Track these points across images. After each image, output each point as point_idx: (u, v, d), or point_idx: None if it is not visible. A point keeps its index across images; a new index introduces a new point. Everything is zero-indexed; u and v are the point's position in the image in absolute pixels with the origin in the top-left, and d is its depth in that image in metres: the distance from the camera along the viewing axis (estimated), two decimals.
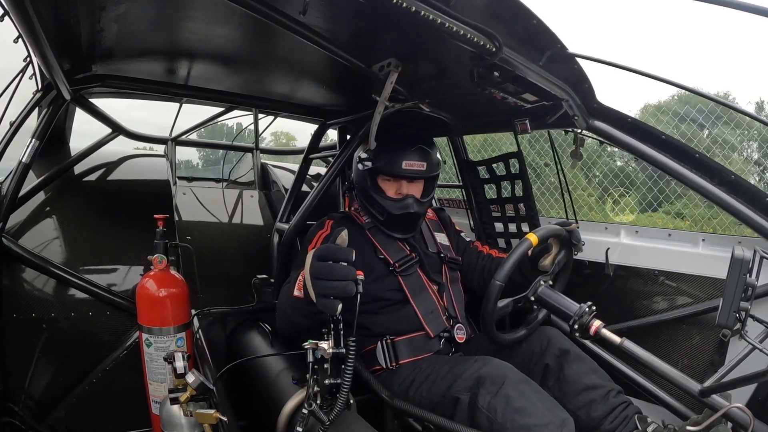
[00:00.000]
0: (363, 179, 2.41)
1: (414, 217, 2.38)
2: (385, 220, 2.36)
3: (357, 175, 2.47)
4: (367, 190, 2.38)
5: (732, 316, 1.30)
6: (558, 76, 1.92)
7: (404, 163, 2.28)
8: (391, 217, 2.34)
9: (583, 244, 2.07)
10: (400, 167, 2.28)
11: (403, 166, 2.28)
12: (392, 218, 2.35)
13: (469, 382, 1.80)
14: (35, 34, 1.56)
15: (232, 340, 2.70)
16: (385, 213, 2.34)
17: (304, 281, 1.57)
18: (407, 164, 2.28)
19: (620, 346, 1.66)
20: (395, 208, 2.33)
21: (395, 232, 2.38)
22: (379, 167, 2.32)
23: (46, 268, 2.43)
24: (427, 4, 1.41)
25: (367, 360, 2.21)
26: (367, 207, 2.42)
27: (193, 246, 2.70)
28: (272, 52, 2.18)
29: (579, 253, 2.08)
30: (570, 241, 2.05)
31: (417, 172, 2.31)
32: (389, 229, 2.38)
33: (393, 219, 2.35)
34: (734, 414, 1.47)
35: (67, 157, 2.88)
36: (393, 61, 1.96)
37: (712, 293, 2.24)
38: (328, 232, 2.32)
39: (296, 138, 13.09)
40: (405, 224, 2.38)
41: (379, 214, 2.37)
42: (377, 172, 2.36)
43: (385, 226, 2.38)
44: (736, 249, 1.32)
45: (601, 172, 7.19)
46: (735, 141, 6.59)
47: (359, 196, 2.47)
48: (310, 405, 1.56)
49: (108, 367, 2.51)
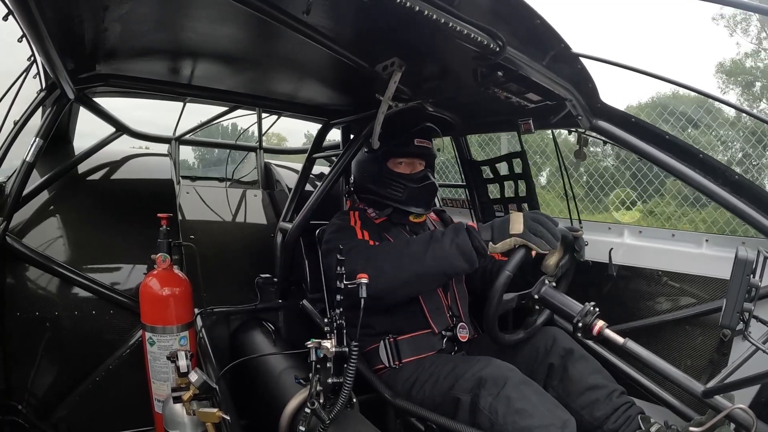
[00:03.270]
0: (373, 166, 2.43)
1: (432, 189, 2.43)
2: (406, 197, 2.36)
3: (363, 165, 2.50)
4: (381, 175, 2.40)
5: (735, 317, 1.29)
6: (562, 75, 1.92)
7: (416, 140, 2.36)
8: (413, 190, 2.36)
9: (586, 245, 2.07)
10: (414, 144, 2.36)
11: (416, 142, 2.36)
12: (413, 192, 2.36)
13: (470, 383, 1.80)
14: (39, 33, 1.57)
15: (235, 339, 2.70)
16: (406, 189, 2.36)
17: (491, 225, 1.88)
18: (419, 141, 2.37)
19: (623, 347, 1.66)
20: (415, 181, 2.37)
21: (415, 206, 2.39)
22: (391, 149, 2.37)
23: (49, 266, 2.44)
24: (431, 4, 1.41)
25: (370, 359, 2.20)
26: (381, 193, 2.40)
27: (197, 245, 2.71)
28: (275, 52, 2.18)
29: (580, 260, 2.08)
30: (573, 246, 2.05)
31: (427, 149, 2.40)
32: (409, 205, 2.38)
33: (414, 192, 2.36)
34: (737, 415, 1.46)
35: (70, 156, 2.88)
36: (396, 60, 1.97)
37: (715, 294, 2.23)
38: (360, 222, 2.38)
39: (287, 139, 13.01)
40: (425, 197, 2.41)
41: (399, 193, 2.37)
42: (388, 157, 2.39)
43: (405, 203, 2.37)
44: (740, 250, 1.32)
45: (587, 171, 7.21)
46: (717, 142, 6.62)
47: (369, 186, 2.46)
48: (312, 404, 1.56)
49: (111, 366, 2.52)
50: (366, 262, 1.96)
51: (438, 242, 1.91)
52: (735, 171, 1.93)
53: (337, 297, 1.62)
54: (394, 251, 2.02)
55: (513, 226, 1.80)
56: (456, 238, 1.88)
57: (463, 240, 1.87)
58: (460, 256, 1.87)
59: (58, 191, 2.72)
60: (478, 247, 1.85)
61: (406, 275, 1.96)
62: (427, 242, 1.94)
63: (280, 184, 3.59)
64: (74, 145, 3.07)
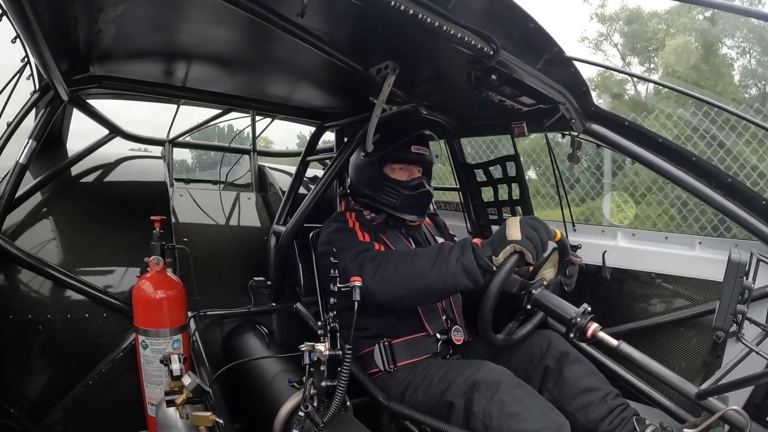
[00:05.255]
0: (369, 170, 2.43)
1: (427, 197, 2.44)
2: (401, 203, 2.37)
3: (360, 169, 2.49)
4: (376, 180, 2.40)
5: (729, 318, 1.30)
6: (555, 79, 1.93)
7: (413, 147, 2.37)
8: (407, 198, 2.36)
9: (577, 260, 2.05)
10: (410, 151, 2.36)
11: (413, 149, 2.36)
12: (408, 199, 2.36)
13: (463, 387, 1.80)
14: (33, 34, 1.56)
15: (229, 343, 2.69)
16: (400, 195, 2.36)
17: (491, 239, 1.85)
18: (415, 148, 2.37)
19: (617, 349, 1.66)
20: (410, 188, 2.37)
21: (410, 213, 2.39)
22: (388, 155, 2.37)
23: (42, 269, 2.42)
24: (425, 8, 1.42)
25: (365, 362, 2.20)
26: (376, 198, 2.41)
27: (190, 248, 2.70)
28: (270, 54, 2.18)
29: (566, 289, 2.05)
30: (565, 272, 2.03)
31: (423, 156, 2.40)
32: (404, 212, 2.38)
33: (408, 200, 2.37)
34: (731, 417, 1.47)
35: (64, 158, 2.87)
36: (391, 63, 1.97)
37: (708, 296, 2.25)
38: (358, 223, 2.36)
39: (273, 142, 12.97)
40: (420, 205, 2.42)
41: (393, 199, 2.37)
42: (385, 162, 2.39)
43: (399, 210, 2.38)
44: (733, 252, 1.33)
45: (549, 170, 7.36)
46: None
47: (365, 191, 2.46)
48: (306, 407, 1.56)
49: (104, 369, 2.50)
50: (375, 270, 1.97)
51: (444, 260, 1.89)
52: (727, 174, 1.94)
53: (331, 300, 1.61)
54: (402, 263, 1.99)
55: (510, 232, 1.78)
56: (461, 257, 1.86)
57: (468, 259, 1.84)
58: (465, 276, 1.85)
59: (51, 193, 2.70)
60: (483, 265, 1.83)
61: (411, 289, 1.94)
62: (433, 258, 1.92)
63: (274, 186, 3.58)
64: (68, 147, 3.06)
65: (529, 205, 2.81)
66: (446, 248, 1.93)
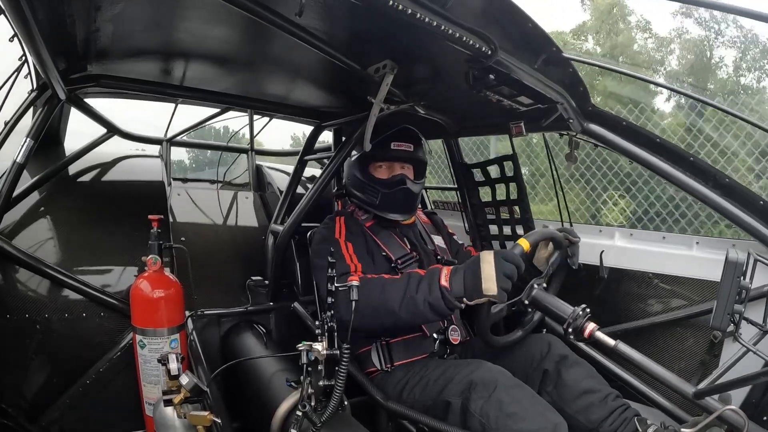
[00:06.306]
0: (355, 169, 2.44)
1: (408, 194, 2.38)
2: (381, 202, 2.36)
3: (349, 168, 2.51)
4: (360, 179, 2.41)
5: (726, 318, 1.30)
6: (553, 79, 1.93)
7: (393, 144, 2.35)
8: (386, 195, 2.36)
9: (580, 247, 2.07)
10: (390, 148, 2.35)
11: (392, 146, 2.35)
12: (386, 197, 2.36)
13: (460, 387, 1.81)
14: (30, 33, 1.56)
15: (227, 342, 2.69)
16: (379, 193, 2.36)
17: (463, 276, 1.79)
18: (396, 145, 2.35)
19: (614, 349, 1.66)
20: (388, 186, 2.36)
21: (391, 212, 2.38)
22: (370, 153, 2.35)
23: (39, 268, 2.42)
24: (423, 7, 1.42)
25: (362, 362, 2.20)
26: (362, 198, 2.42)
27: (188, 247, 2.69)
28: (268, 54, 2.18)
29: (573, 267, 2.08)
30: (567, 251, 2.05)
31: (405, 152, 2.38)
32: (385, 211, 2.37)
33: (387, 197, 2.36)
34: (728, 416, 1.47)
35: (61, 158, 2.86)
36: (389, 63, 1.97)
37: (706, 296, 2.25)
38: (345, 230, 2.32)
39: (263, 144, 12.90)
40: (400, 202, 2.38)
41: (374, 198, 2.37)
42: (368, 160, 2.39)
43: (381, 209, 2.37)
44: (730, 252, 1.33)
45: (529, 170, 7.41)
46: None
47: (354, 191, 2.47)
48: (303, 407, 1.56)
49: (101, 369, 2.49)
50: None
51: (411, 298, 1.84)
52: (725, 174, 1.94)
53: (328, 299, 1.61)
54: (372, 296, 1.90)
55: (486, 285, 1.73)
56: (429, 296, 1.82)
57: (436, 299, 1.81)
58: (434, 314, 1.85)
59: (48, 192, 2.70)
60: (451, 306, 1.81)
61: (384, 323, 1.93)
62: (402, 294, 1.86)
63: (272, 186, 3.58)
64: (65, 146, 3.06)
65: (526, 205, 2.80)
66: (413, 285, 1.87)
